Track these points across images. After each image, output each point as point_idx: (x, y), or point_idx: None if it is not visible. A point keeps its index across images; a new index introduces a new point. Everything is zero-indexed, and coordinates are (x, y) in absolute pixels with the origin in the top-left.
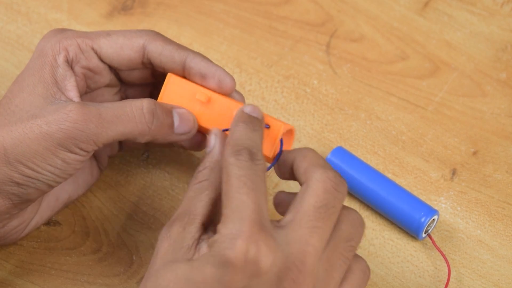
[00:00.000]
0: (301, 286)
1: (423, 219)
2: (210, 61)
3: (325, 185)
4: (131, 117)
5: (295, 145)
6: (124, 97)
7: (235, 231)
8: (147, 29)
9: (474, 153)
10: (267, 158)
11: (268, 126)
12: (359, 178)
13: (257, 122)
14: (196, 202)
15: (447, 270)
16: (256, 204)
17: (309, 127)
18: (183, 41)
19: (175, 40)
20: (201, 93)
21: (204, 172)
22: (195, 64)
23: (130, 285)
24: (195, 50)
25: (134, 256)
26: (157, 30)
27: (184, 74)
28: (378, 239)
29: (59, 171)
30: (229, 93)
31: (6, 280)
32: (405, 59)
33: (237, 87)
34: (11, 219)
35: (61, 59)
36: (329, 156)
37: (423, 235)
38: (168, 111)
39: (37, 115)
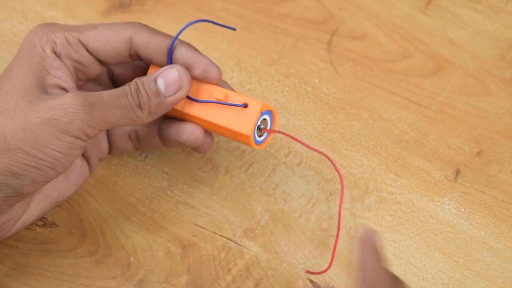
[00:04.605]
0: None
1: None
2: (197, 50)
3: None
4: (127, 97)
5: (296, 145)
6: None
7: None
8: (134, 21)
9: (478, 153)
10: (245, 138)
11: (245, 105)
12: None
13: None
14: None
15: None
16: None
17: (310, 127)
18: (182, 39)
19: None
20: None
21: None
22: (180, 54)
23: None
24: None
25: (131, 258)
26: (155, 27)
27: None
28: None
29: (61, 157)
30: (216, 83)
31: (1, 282)
32: (408, 57)
33: (237, 86)
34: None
35: (48, 50)
36: None
37: (258, 138)
38: (152, 80)
39: (35, 102)
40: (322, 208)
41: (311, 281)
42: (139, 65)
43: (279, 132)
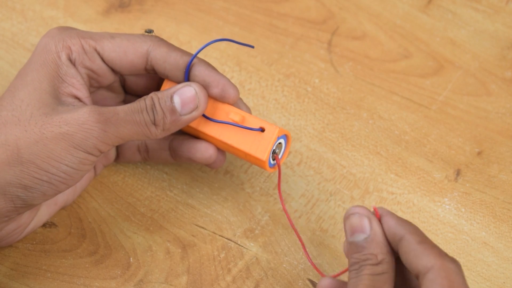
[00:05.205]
0: None
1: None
2: (215, 69)
3: (450, 280)
4: (142, 113)
5: (296, 145)
6: None
7: None
8: (152, 35)
9: (479, 153)
10: (261, 162)
11: (262, 130)
12: None
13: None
14: None
15: None
16: None
17: (310, 127)
18: (181, 39)
19: (173, 38)
20: None
21: (383, 266)
22: (199, 72)
23: None
24: (194, 48)
25: (131, 258)
26: (154, 27)
27: None
28: None
29: (73, 172)
30: (232, 103)
31: (0, 283)
32: (408, 57)
33: (237, 86)
34: (8, 223)
35: (64, 57)
36: None
37: (272, 161)
38: (168, 96)
39: (50, 114)
40: (322, 208)
41: (311, 281)
42: (153, 75)
43: (279, 190)
